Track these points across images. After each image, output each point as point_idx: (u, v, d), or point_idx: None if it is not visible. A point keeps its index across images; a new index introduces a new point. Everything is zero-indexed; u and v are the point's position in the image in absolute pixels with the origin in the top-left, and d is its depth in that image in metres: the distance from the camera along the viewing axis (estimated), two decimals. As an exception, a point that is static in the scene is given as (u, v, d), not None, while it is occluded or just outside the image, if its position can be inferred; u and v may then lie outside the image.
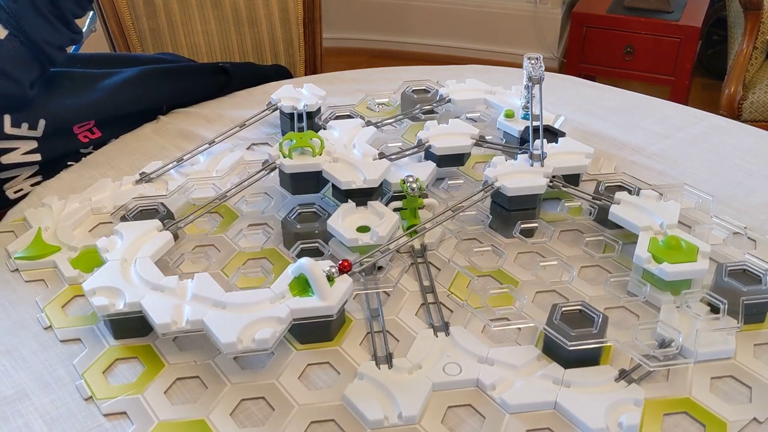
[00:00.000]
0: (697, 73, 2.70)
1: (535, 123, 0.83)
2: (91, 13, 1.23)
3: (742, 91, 2.05)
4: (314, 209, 0.79)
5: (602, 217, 0.81)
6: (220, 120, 1.05)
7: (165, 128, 1.04)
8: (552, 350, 0.65)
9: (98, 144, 1.00)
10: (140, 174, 0.89)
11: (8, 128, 0.90)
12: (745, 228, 0.80)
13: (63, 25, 0.93)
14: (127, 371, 0.65)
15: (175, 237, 0.77)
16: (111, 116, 1.00)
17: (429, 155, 0.88)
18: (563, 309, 0.65)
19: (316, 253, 0.75)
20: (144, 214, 0.80)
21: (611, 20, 2.43)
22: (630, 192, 0.81)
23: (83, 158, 0.98)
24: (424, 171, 0.85)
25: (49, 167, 0.96)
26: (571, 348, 0.62)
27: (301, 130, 0.94)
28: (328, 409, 0.61)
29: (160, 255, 0.74)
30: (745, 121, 2.03)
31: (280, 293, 0.65)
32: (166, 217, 0.79)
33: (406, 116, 1.00)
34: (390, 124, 0.99)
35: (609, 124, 1.04)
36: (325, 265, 0.67)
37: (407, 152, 0.87)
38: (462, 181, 0.90)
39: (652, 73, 2.46)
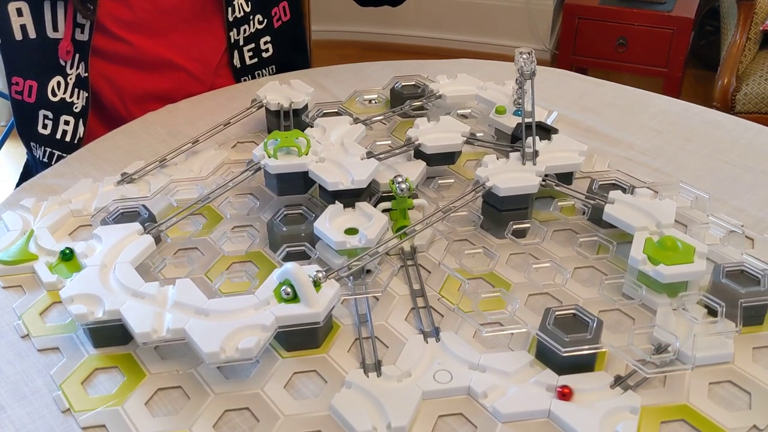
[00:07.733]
0: (690, 65, 2.68)
1: (527, 120, 0.81)
2: None
3: (735, 82, 2.04)
4: (301, 211, 0.77)
5: (596, 217, 0.79)
6: (208, 117, 1.03)
7: (152, 126, 1.01)
8: (545, 356, 0.63)
9: None
10: (122, 174, 0.86)
11: None
12: (743, 226, 0.78)
13: None
14: (106, 381, 0.63)
15: (157, 240, 0.75)
16: None
17: (419, 154, 0.86)
18: (557, 313, 0.63)
19: (302, 257, 0.73)
20: (125, 216, 0.77)
21: (604, 12, 2.41)
22: (624, 190, 0.79)
23: (63, 158, 0.95)
24: (413, 170, 0.83)
25: None
26: (565, 354, 0.60)
27: (287, 128, 0.91)
28: (315, 419, 0.59)
29: (141, 259, 0.71)
30: (738, 113, 2.01)
31: (264, 300, 0.63)
32: (147, 219, 0.77)
33: (396, 113, 0.98)
34: (379, 121, 0.97)
35: (603, 119, 1.02)
36: (312, 269, 0.65)
37: (396, 151, 0.85)
38: (453, 181, 0.87)
39: (644, 65, 2.44)
